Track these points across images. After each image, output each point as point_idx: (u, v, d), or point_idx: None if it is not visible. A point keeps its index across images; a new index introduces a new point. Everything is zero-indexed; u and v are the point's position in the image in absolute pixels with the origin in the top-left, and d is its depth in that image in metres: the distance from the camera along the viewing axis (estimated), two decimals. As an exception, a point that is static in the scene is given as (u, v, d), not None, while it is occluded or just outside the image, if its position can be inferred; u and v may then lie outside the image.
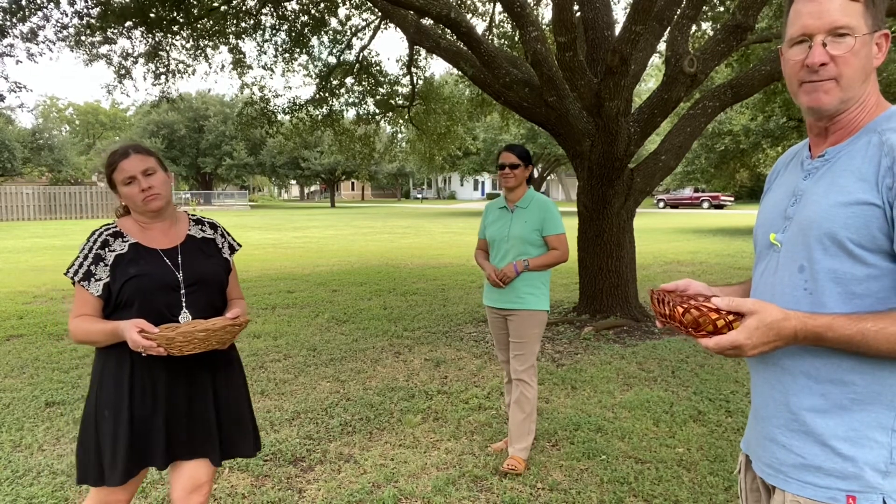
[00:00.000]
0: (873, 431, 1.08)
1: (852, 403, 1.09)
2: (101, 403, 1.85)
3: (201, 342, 1.74)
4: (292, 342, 5.65)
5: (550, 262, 3.17)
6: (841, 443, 1.09)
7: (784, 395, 1.16)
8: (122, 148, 1.90)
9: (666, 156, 6.15)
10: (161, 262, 1.89)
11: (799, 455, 1.14)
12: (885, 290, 1.07)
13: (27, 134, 38.37)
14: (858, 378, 1.08)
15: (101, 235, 1.88)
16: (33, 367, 4.90)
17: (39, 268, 11.14)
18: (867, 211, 1.06)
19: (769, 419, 1.20)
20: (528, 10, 5.45)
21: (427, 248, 14.72)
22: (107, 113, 62.49)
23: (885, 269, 1.06)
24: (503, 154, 3.24)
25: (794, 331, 1.05)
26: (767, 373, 1.20)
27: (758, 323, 1.04)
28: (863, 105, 1.14)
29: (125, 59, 9.21)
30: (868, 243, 1.06)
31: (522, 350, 3.18)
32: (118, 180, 1.87)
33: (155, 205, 1.88)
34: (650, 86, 27.46)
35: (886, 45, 1.15)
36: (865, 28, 1.11)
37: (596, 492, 2.87)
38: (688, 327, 1.09)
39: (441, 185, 66.87)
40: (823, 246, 1.10)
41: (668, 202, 38.01)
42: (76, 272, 1.84)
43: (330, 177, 46.61)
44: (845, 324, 1.04)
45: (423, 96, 11.48)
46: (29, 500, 2.82)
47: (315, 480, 3.02)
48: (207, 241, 2.04)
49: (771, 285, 1.20)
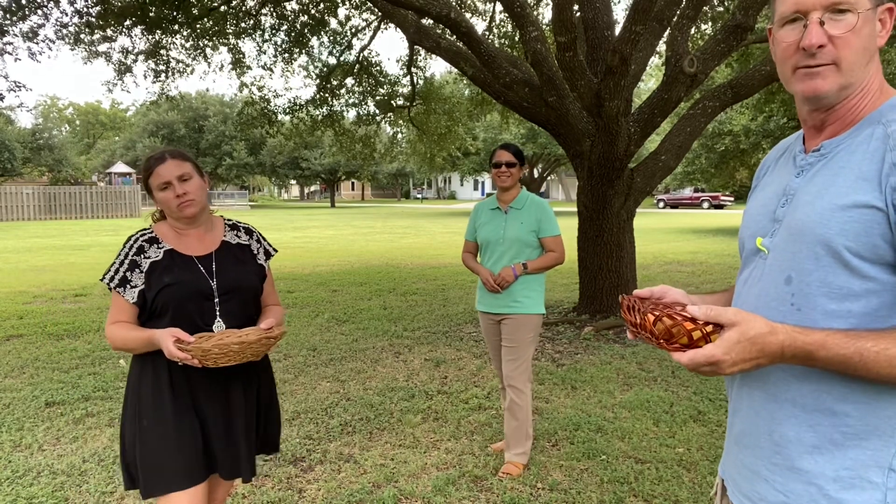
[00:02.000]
0: (868, 471, 0.93)
1: (844, 438, 0.94)
2: (140, 412, 1.81)
3: (236, 354, 1.71)
4: (292, 342, 5.64)
5: (548, 265, 3.08)
6: (830, 483, 0.94)
7: (769, 424, 1.01)
8: (159, 152, 1.87)
9: (666, 156, 6.15)
10: (195, 269, 1.86)
11: (782, 493, 1.00)
12: (886, 308, 0.91)
13: (27, 134, 38.38)
14: (851, 409, 0.93)
15: (136, 241, 1.85)
16: (33, 367, 4.90)
17: (39, 268, 11.14)
18: (868, 215, 0.90)
19: (752, 448, 1.05)
20: (528, 10, 5.45)
21: (427, 248, 14.72)
22: (107, 113, 62.49)
23: (886, 284, 0.91)
24: (499, 152, 3.13)
25: (782, 347, 0.90)
26: (752, 398, 1.05)
27: (739, 336, 0.89)
28: (864, 91, 0.99)
29: (125, 56, 9.21)
30: (868, 253, 0.91)
31: (515, 355, 3.07)
32: (154, 185, 1.85)
33: (190, 211, 1.86)
34: (650, 86, 27.47)
35: (891, 21, 0.99)
36: (868, 2, 0.95)
37: (596, 492, 2.87)
38: (659, 338, 0.94)
39: (441, 185, 66.87)
40: (816, 255, 0.94)
41: (668, 202, 38.01)
42: (112, 278, 1.81)
43: (330, 177, 46.62)
44: (841, 342, 0.88)
45: (424, 96, 11.49)
46: (29, 500, 2.82)
47: (315, 480, 3.02)
48: (242, 247, 2.01)
49: (755, 296, 1.05)
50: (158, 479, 1.78)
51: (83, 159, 45.54)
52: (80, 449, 3.37)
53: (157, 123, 44.59)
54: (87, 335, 5.97)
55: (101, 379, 4.57)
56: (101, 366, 4.93)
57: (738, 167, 23.07)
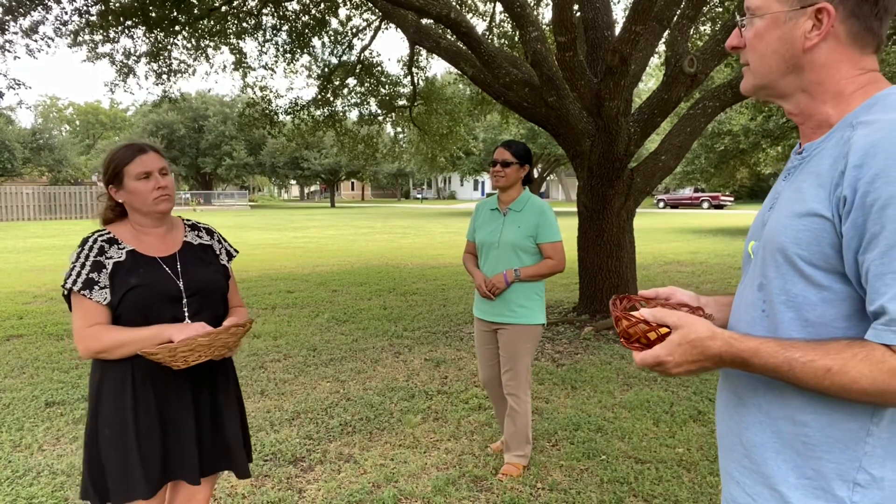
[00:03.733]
0: (831, 482, 0.91)
1: (805, 447, 0.93)
2: (101, 420, 1.76)
3: (206, 349, 1.66)
4: (292, 342, 5.65)
5: (544, 273, 2.91)
6: (792, 491, 0.94)
7: (739, 427, 1.03)
8: (139, 143, 1.82)
9: (666, 156, 6.15)
10: (161, 270, 1.80)
11: (750, 496, 1.00)
12: (842, 319, 0.90)
13: (27, 134, 38.38)
14: (811, 419, 0.92)
15: (95, 242, 1.76)
16: (33, 367, 4.90)
17: (39, 268, 11.14)
18: (817, 224, 0.89)
19: (727, 450, 1.07)
20: (528, 10, 5.45)
21: (427, 248, 14.72)
22: (107, 113, 62.49)
23: (840, 294, 0.90)
24: (498, 150, 2.99)
25: (720, 352, 0.93)
26: (727, 401, 1.07)
27: (680, 339, 0.94)
28: (811, 94, 0.97)
29: (127, 57, 9.21)
30: (820, 262, 0.90)
31: (513, 366, 2.95)
32: (131, 173, 1.77)
33: (165, 206, 1.81)
34: (650, 86, 27.47)
35: (828, 22, 0.92)
36: (779, 5, 0.95)
37: (596, 492, 2.87)
38: (621, 337, 1.02)
39: (441, 185, 66.87)
40: (776, 262, 0.95)
41: (668, 202, 38.02)
42: (74, 281, 1.72)
43: (330, 177, 46.61)
44: (773, 350, 0.89)
45: (425, 96, 11.49)
46: (29, 500, 2.82)
47: (315, 480, 3.02)
48: (205, 247, 1.96)
49: (741, 300, 1.07)
50: (119, 488, 1.73)
51: (83, 159, 45.52)
52: (79, 449, 3.37)
53: (157, 123, 44.59)
54: (87, 335, 5.97)
55: (101, 379, 4.56)
56: (101, 366, 4.93)
57: (737, 167, 23.08)
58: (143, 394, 1.76)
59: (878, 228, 0.82)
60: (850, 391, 0.84)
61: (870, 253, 0.83)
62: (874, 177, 0.82)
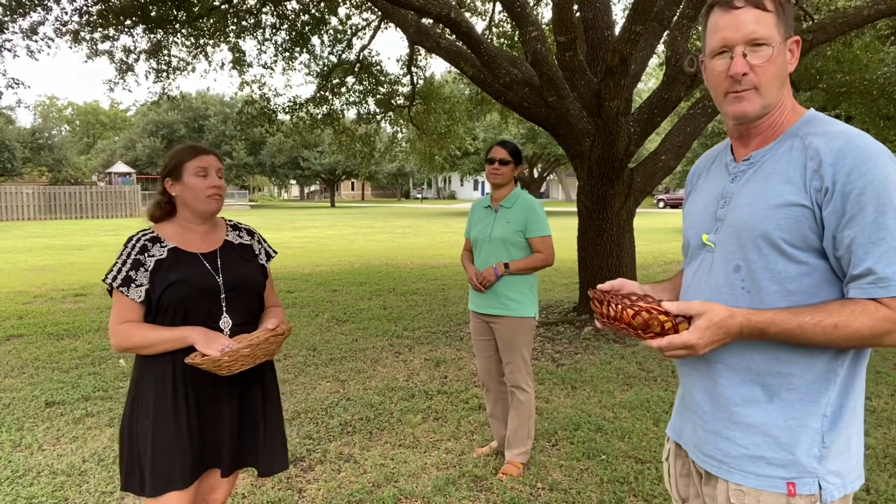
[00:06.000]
0: (809, 418, 1.14)
1: (789, 393, 1.15)
2: (141, 412, 1.81)
3: (248, 358, 1.73)
4: (292, 342, 5.64)
5: (533, 266, 3.01)
6: (781, 431, 1.15)
7: (725, 391, 1.21)
8: (202, 146, 1.93)
9: (666, 156, 6.15)
10: (201, 266, 1.88)
11: (742, 446, 1.19)
12: (816, 286, 1.14)
13: (27, 134, 38.39)
14: (795, 369, 1.14)
15: (139, 241, 1.84)
16: (33, 367, 4.90)
17: (39, 268, 11.14)
18: (797, 212, 1.11)
19: (711, 414, 1.24)
20: (528, 9, 5.45)
21: (427, 248, 14.72)
22: (107, 113, 62.52)
23: (815, 266, 1.13)
24: (494, 148, 3.11)
25: (740, 327, 1.11)
26: (710, 370, 1.23)
27: (707, 323, 1.09)
28: (780, 109, 1.20)
29: (127, 55, 9.21)
30: (800, 242, 1.12)
31: (512, 358, 3.05)
32: (191, 168, 1.86)
33: (215, 205, 1.91)
34: (650, 86, 27.46)
35: (798, 51, 1.20)
36: (779, 37, 1.16)
37: (596, 492, 2.87)
38: (637, 329, 1.14)
39: (441, 184, 66.86)
40: (758, 246, 1.15)
41: (668, 202, 38.02)
42: (115, 277, 1.80)
43: (330, 177, 46.60)
44: (786, 318, 1.09)
45: (424, 96, 11.48)
46: (29, 500, 2.82)
47: (315, 480, 3.02)
48: (245, 246, 2.04)
49: (706, 284, 1.25)
50: (158, 479, 1.78)
51: (83, 159, 45.55)
52: (79, 449, 3.37)
53: (157, 123, 44.58)
54: (87, 335, 5.97)
55: (100, 379, 4.57)
56: (100, 366, 4.93)
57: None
58: (183, 386, 1.82)
59: (856, 210, 1.06)
60: (851, 339, 1.08)
61: (849, 229, 1.07)
62: (849, 171, 1.07)
